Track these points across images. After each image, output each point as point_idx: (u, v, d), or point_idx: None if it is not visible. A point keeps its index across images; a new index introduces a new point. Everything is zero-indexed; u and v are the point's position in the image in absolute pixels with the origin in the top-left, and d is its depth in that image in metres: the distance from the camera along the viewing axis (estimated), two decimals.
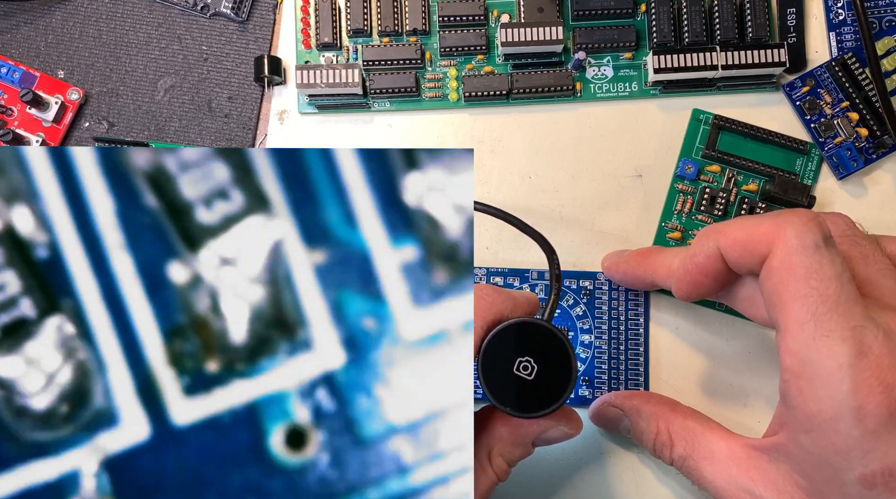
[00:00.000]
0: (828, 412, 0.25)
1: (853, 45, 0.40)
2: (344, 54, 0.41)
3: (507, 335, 0.29)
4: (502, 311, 0.29)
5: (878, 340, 0.25)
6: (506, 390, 0.28)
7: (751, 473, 0.29)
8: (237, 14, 0.41)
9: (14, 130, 0.41)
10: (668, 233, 0.39)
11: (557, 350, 0.29)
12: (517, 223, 0.34)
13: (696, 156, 0.39)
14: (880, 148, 0.39)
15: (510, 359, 0.29)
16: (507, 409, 0.28)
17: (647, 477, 0.38)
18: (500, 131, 0.40)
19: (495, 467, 0.30)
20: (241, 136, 0.41)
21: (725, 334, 0.38)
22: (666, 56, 0.39)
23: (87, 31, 0.42)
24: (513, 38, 0.39)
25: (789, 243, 0.27)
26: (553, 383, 0.28)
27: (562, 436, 0.31)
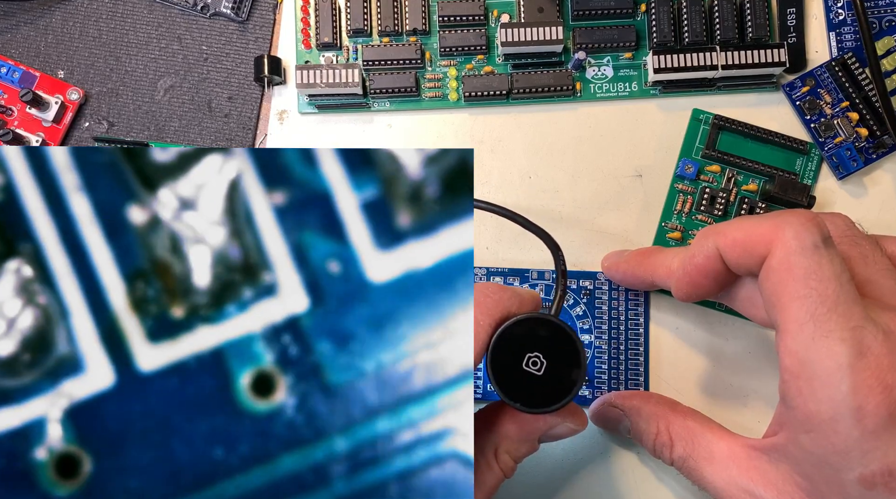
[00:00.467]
0: (827, 413, 0.25)
1: (853, 45, 0.40)
2: (344, 54, 0.41)
3: (516, 331, 0.29)
4: (509, 308, 0.29)
5: (878, 340, 0.25)
6: (515, 386, 0.28)
7: (751, 473, 0.29)
8: (237, 14, 0.41)
9: (14, 129, 0.41)
10: (668, 233, 0.39)
11: (566, 345, 0.29)
12: (521, 220, 0.34)
13: (696, 156, 0.39)
14: (880, 148, 0.39)
15: (519, 355, 0.29)
16: (518, 405, 0.28)
17: (647, 477, 0.38)
18: (500, 131, 0.40)
19: (502, 464, 0.30)
20: (240, 136, 0.41)
21: (725, 334, 0.38)
22: (666, 56, 0.39)
23: (87, 31, 0.42)
24: (513, 38, 0.38)
25: (788, 244, 0.27)
26: (562, 378, 0.28)
27: (568, 432, 0.31)
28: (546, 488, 0.38)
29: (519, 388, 0.28)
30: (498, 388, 0.28)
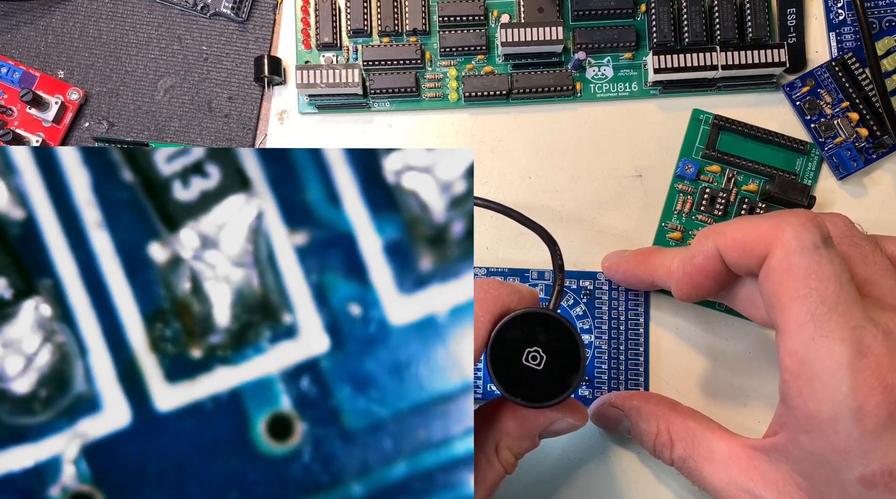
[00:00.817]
0: (827, 413, 0.25)
1: (853, 45, 0.40)
2: (344, 54, 0.41)
3: (516, 326, 0.29)
4: (508, 304, 0.29)
5: (878, 340, 0.25)
6: (515, 381, 0.28)
7: (751, 473, 0.29)
8: (237, 14, 0.41)
9: (14, 130, 0.41)
10: (669, 233, 0.39)
11: (565, 339, 0.29)
12: (517, 216, 0.34)
13: (696, 156, 0.39)
14: (880, 148, 0.39)
15: (519, 350, 0.29)
16: (518, 399, 0.28)
17: (647, 477, 0.38)
18: (500, 131, 0.40)
19: (503, 460, 0.30)
20: (241, 136, 0.41)
21: (725, 334, 0.38)
22: (666, 56, 0.38)
23: (87, 31, 0.42)
24: (513, 38, 0.38)
25: (788, 244, 0.27)
26: (562, 373, 0.28)
27: (568, 427, 0.31)
28: (546, 488, 0.38)
29: (519, 383, 0.28)
30: (498, 383, 0.28)
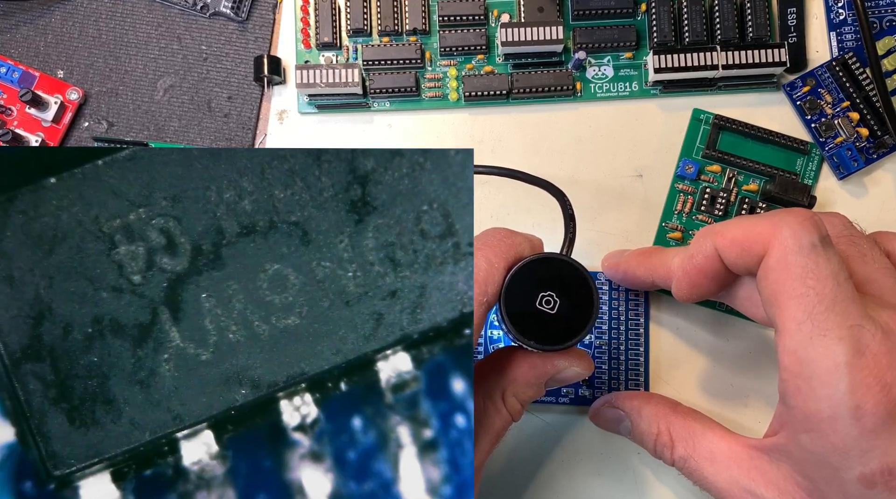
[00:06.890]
0: (826, 412, 0.25)
1: (854, 44, 0.40)
2: (344, 54, 0.41)
3: (530, 270, 0.29)
4: (521, 251, 0.29)
5: (876, 338, 0.25)
6: (529, 325, 0.29)
7: (752, 473, 0.29)
8: (237, 14, 0.41)
9: (13, 129, 0.41)
10: (669, 233, 0.39)
11: (579, 284, 0.29)
12: (522, 176, 0.35)
13: (697, 156, 0.39)
14: (881, 148, 0.39)
15: (532, 294, 0.29)
16: (531, 342, 0.29)
17: (647, 477, 0.38)
18: (500, 131, 0.40)
19: (509, 407, 0.31)
20: (240, 135, 0.41)
21: (725, 334, 0.38)
22: (666, 56, 0.38)
23: (86, 30, 0.42)
24: (513, 38, 0.38)
25: (785, 243, 0.27)
26: (575, 317, 0.29)
27: (575, 376, 0.31)
28: (546, 488, 0.37)
29: (532, 327, 0.29)
30: (512, 326, 0.29)
